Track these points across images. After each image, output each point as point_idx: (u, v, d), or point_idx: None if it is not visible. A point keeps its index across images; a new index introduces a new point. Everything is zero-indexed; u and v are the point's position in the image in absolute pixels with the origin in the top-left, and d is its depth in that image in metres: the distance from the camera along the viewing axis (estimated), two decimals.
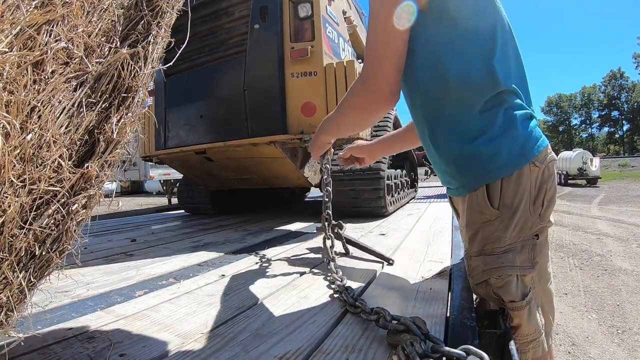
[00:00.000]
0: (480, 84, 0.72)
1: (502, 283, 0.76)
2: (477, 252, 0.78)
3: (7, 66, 0.49)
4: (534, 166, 0.74)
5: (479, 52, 0.72)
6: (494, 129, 0.73)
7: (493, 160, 0.73)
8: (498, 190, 0.74)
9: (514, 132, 0.73)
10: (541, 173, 0.75)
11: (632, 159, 24.15)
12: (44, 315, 0.83)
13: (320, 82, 2.05)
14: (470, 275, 0.82)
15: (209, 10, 2.30)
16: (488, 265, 0.76)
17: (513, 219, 0.74)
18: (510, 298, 0.76)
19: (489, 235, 0.76)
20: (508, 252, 0.75)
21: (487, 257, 0.77)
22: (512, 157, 0.73)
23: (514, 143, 0.73)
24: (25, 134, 0.50)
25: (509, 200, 0.74)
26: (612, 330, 2.43)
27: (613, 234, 5.46)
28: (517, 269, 0.75)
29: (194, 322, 0.77)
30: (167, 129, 2.48)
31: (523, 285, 0.77)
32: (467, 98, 0.74)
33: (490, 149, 0.73)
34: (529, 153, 0.74)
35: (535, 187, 0.75)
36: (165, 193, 8.80)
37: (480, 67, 0.72)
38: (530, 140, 0.74)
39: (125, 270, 1.29)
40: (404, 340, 0.59)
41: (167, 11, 0.74)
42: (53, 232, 0.55)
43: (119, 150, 0.64)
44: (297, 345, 0.65)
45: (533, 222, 0.76)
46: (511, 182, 0.73)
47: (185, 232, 2.22)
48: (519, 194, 0.74)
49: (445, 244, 1.51)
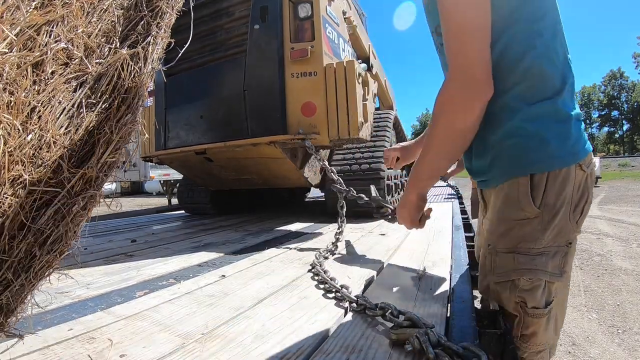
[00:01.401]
0: (553, 73, 0.68)
1: (530, 286, 0.72)
2: (509, 249, 0.73)
3: (7, 67, 0.49)
4: (579, 169, 0.70)
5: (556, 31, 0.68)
6: (551, 116, 0.68)
7: (542, 148, 0.68)
8: (542, 186, 0.69)
9: (566, 127, 0.69)
10: (585, 178, 0.71)
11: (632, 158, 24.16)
12: (44, 315, 0.83)
13: (320, 82, 2.05)
14: (493, 271, 0.77)
15: (209, 11, 2.30)
16: (520, 265, 0.72)
17: (552, 221, 0.70)
18: (535, 304, 0.73)
19: (526, 234, 0.71)
20: (542, 255, 0.71)
21: (521, 256, 0.72)
22: (562, 153, 0.68)
23: (565, 138, 0.68)
24: (25, 134, 0.50)
25: (551, 200, 0.69)
26: (612, 330, 2.43)
27: (613, 233, 5.46)
28: (548, 274, 0.72)
29: (195, 323, 0.77)
30: (167, 129, 2.48)
31: (548, 293, 0.74)
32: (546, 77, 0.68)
33: (542, 134, 0.67)
34: (579, 153, 0.69)
35: (578, 191, 0.71)
36: (165, 193, 8.80)
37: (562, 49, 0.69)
38: (580, 140, 0.70)
39: (125, 270, 1.29)
40: (411, 334, 0.60)
41: (166, 12, 0.74)
42: (53, 232, 0.55)
43: (119, 150, 0.64)
44: (298, 345, 0.65)
45: (569, 229, 0.72)
46: (557, 180, 0.68)
47: (186, 233, 2.22)
48: (563, 195, 0.69)
49: (445, 244, 1.51)
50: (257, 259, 1.40)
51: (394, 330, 0.65)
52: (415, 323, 0.64)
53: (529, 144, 0.69)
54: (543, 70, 0.68)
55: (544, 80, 0.68)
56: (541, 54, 0.67)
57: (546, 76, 0.68)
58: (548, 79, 0.68)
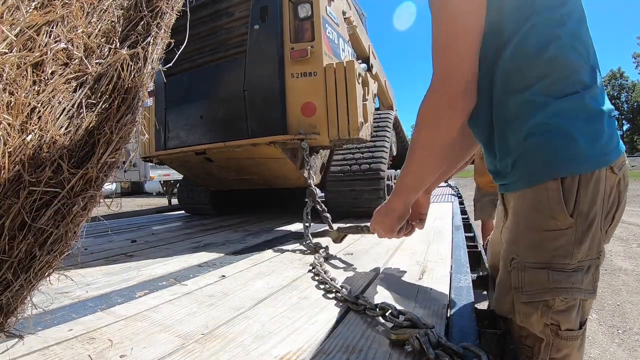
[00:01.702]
0: (580, 65, 0.62)
1: (565, 307, 0.64)
2: (541, 264, 0.64)
3: (7, 67, 0.49)
4: (611, 172, 0.62)
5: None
6: (580, 112, 0.61)
7: (571, 147, 0.60)
8: (574, 191, 0.61)
9: (597, 124, 0.61)
10: (617, 182, 0.63)
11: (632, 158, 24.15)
12: (44, 316, 0.83)
13: (320, 83, 2.05)
14: (522, 290, 0.67)
15: (209, 11, 2.30)
16: (556, 284, 0.63)
17: (588, 232, 0.62)
18: (569, 326, 0.65)
19: (560, 247, 0.63)
20: (577, 271, 0.63)
21: (556, 272, 0.63)
22: (593, 153, 0.60)
23: (596, 137, 0.61)
24: (25, 134, 0.50)
25: (585, 208, 0.61)
26: (612, 330, 2.43)
27: (613, 233, 5.45)
28: (583, 292, 0.64)
29: (195, 323, 0.77)
30: (167, 130, 2.48)
31: (583, 312, 0.66)
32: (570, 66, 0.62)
33: (570, 131, 0.60)
34: (611, 154, 0.62)
35: (609, 197, 0.63)
36: (165, 194, 8.80)
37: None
38: (613, 139, 0.63)
39: (125, 271, 1.29)
40: (411, 334, 0.60)
41: (166, 12, 0.74)
42: (53, 233, 0.55)
43: (119, 151, 0.64)
44: (298, 345, 0.65)
45: (600, 238, 0.64)
46: (590, 185, 0.61)
47: (186, 233, 2.22)
48: (597, 202, 0.62)
49: (446, 244, 1.51)
50: (257, 259, 1.40)
51: (394, 330, 0.65)
52: (415, 323, 0.64)
53: (556, 142, 0.61)
54: (570, 61, 0.61)
55: (571, 73, 0.61)
56: (566, 44, 0.61)
57: (573, 68, 0.61)
58: (576, 71, 0.62)
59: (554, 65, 0.61)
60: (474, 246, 1.60)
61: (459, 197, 3.80)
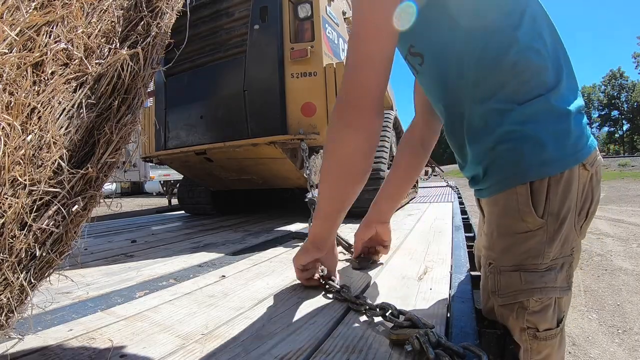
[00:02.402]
0: (543, 66, 0.62)
1: (540, 307, 0.65)
2: (513, 266, 0.65)
3: (7, 67, 0.49)
4: (583, 169, 0.63)
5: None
6: (545, 115, 0.62)
7: (539, 151, 0.61)
8: (544, 193, 0.62)
9: (564, 125, 0.62)
10: (589, 178, 0.64)
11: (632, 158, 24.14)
12: (44, 316, 0.83)
13: (320, 83, 2.05)
14: (498, 293, 0.68)
15: (209, 11, 2.31)
16: (529, 285, 0.64)
17: (559, 231, 0.63)
18: (547, 325, 0.65)
19: (531, 248, 0.64)
20: (550, 270, 0.64)
21: (528, 274, 0.64)
22: (562, 154, 0.61)
23: (564, 137, 0.62)
24: (25, 135, 0.50)
25: (555, 208, 0.62)
26: (612, 330, 2.43)
27: (613, 233, 5.46)
28: (558, 290, 0.65)
29: (195, 323, 0.77)
30: (167, 130, 2.48)
31: (559, 310, 0.67)
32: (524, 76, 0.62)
33: (537, 136, 0.61)
34: (581, 152, 0.62)
35: (582, 194, 0.64)
36: (165, 194, 8.80)
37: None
38: (582, 137, 0.63)
39: (125, 271, 1.29)
40: (411, 334, 0.60)
41: (166, 12, 0.74)
42: (53, 233, 0.55)
43: (119, 151, 0.64)
44: (298, 345, 0.65)
45: (574, 236, 0.65)
46: (560, 185, 0.62)
47: (186, 233, 2.22)
48: (568, 201, 0.62)
49: (446, 244, 1.51)
50: (257, 259, 1.40)
51: (394, 330, 0.65)
52: (415, 323, 0.64)
53: (524, 148, 0.62)
54: (530, 64, 0.62)
55: (532, 76, 0.62)
56: (525, 47, 0.61)
57: (535, 70, 0.62)
58: (538, 74, 0.62)
59: (514, 70, 0.62)
60: (473, 246, 1.59)
61: (459, 197, 3.80)
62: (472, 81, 0.66)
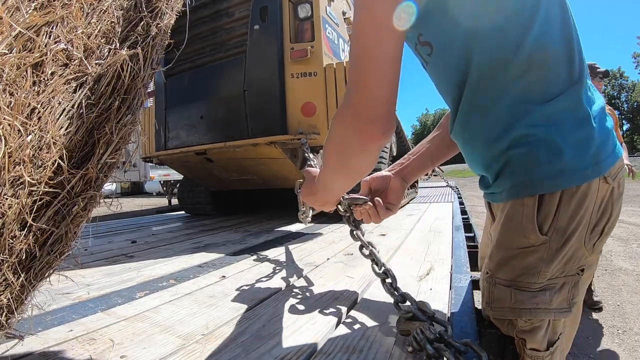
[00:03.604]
0: (559, 59, 0.54)
1: (530, 327, 0.60)
2: (507, 280, 0.61)
3: (7, 68, 0.49)
4: (604, 182, 0.55)
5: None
6: (567, 116, 0.54)
7: (555, 159, 0.54)
8: (553, 207, 0.55)
9: (587, 130, 0.54)
10: (609, 192, 0.56)
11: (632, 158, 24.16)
12: (44, 317, 0.83)
13: (320, 83, 2.05)
14: (490, 305, 0.64)
15: (209, 11, 2.31)
16: (518, 304, 0.59)
17: (563, 248, 0.56)
18: (535, 346, 0.61)
19: (527, 266, 0.58)
20: (545, 290, 0.58)
21: (519, 292, 0.59)
22: (581, 165, 0.53)
23: (586, 145, 0.54)
24: (26, 135, 0.50)
25: (563, 224, 0.55)
26: (612, 330, 2.42)
27: (613, 233, 5.46)
28: (552, 312, 0.59)
29: (195, 324, 0.77)
30: (168, 130, 2.48)
31: (552, 332, 0.62)
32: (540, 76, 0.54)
33: (555, 141, 0.53)
34: (604, 162, 0.55)
35: (599, 209, 0.57)
36: (165, 194, 8.80)
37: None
38: (607, 144, 0.56)
39: (125, 271, 1.29)
40: (413, 328, 0.60)
41: (166, 12, 0.74)
42: (53, 233, 0.55)
43: (119, 151, 0.64)
44: (298, 345, 0.65)
45: (583, 254, 0.58)
46: (573, 200, 0.54)
47: (186, 233, 2.22)
48: (579, 216, 0.55)
49: (446, 244, 1.51)
50: (258, 259, 1.40)
51: (399, 325, 0.65)
52: (415, 315, 0.64)
53: (539, 154, 0.54)
54: (548, 53, 0.53)
55: (552, 68, 0.53)
56: (543, 33, 0.52)
57: (554, 61, 0.53)
58: (557, 65, 0.53)
59: (532, 60, 0.53)
60: (474, 246, 1.59)
61: (459, 197, 3.80)
62: (482, 73, 0.58)
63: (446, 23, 0.57)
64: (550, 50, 0.53)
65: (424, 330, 0.58)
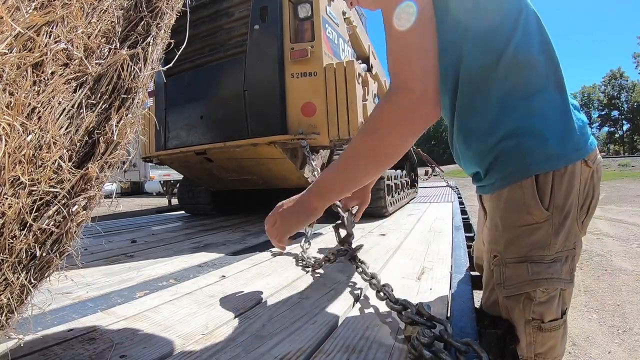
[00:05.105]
0: (539, 60, 0.64)
1: (547, 297, 0.66)
2: (519, 258, 0.67)
3: (7, 67, 0.49)
4: (585, 165, 0.65)
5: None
6: (551, 109, 0.63)
7: (544, 146, 0.63)
8: (549, 186, 0.63)
9: (567, 121, 0.64)
10: (590, 175, 0.66)
11: (632, 158, 24.13)
12: (44, 316, 0.83)
13: (320, 83, 2.05)
14: (504, 285, 0.69)
15: (209, 11, 2.31)
16: (536, 275, 0.65)
17: (564, 224, 0.64)
18: (553, 316, 0.67)
19: (537, 240, 0.65)
20: (556, 261, 0.65)
21: (535, 264, 0.65)
22: (566, 149, 0.63)
23: (568, 133, 0.63)
24: (26, 135, 0.50)
25: (560, 201, 0.64)
26: (612, 330, 2.43)
27: (613, 233, 5.45)
28: (563, 282, 0.66)
29: (195, 323, 0.77)
30: (167, 130, 2.48)
31: (563, 302, 0.68)
32: (522, 76, 0.64)
33: (542, 131, 0.63)
34: (583, 148, 0.65)
35: (584, 190, 0.66)
36: (165, 194, 8.80)
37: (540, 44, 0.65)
38: (584, 134, 0.65)
39: (125, 271, 1.29)
40: (414, 332, 0.60)
41: (166, 12, 0.74)
42: (53, 233, 0.55)
43: (119, 151, 0.64)
44: (298, 345, 0.65)
45: (576, 231, 0.67)
46: (564, 179, 0.63)
47: (186, 233, 2.22)
48: (571, 195, 0.64)
49: (446, 244, 1.51)
50: (258, 259, 1.40)
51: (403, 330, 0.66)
52: (413, 320, 0.64)
53: (530, 144, 0.63)
54: (531, 57, 0.63)
55: (534, 70, 0.63)
56: (523, 41, 0.63)
57: (535, 62, 0.63)
58: (538, 66, 0.64)
59: (516, 63, 0.63)
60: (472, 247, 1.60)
61: (459, 197, 3.80)
62: (472, 76, 0.66)
63: (442, 29, 0.64)
64: (530, 53, 0.63)
65: (419, 336, 0.58)
